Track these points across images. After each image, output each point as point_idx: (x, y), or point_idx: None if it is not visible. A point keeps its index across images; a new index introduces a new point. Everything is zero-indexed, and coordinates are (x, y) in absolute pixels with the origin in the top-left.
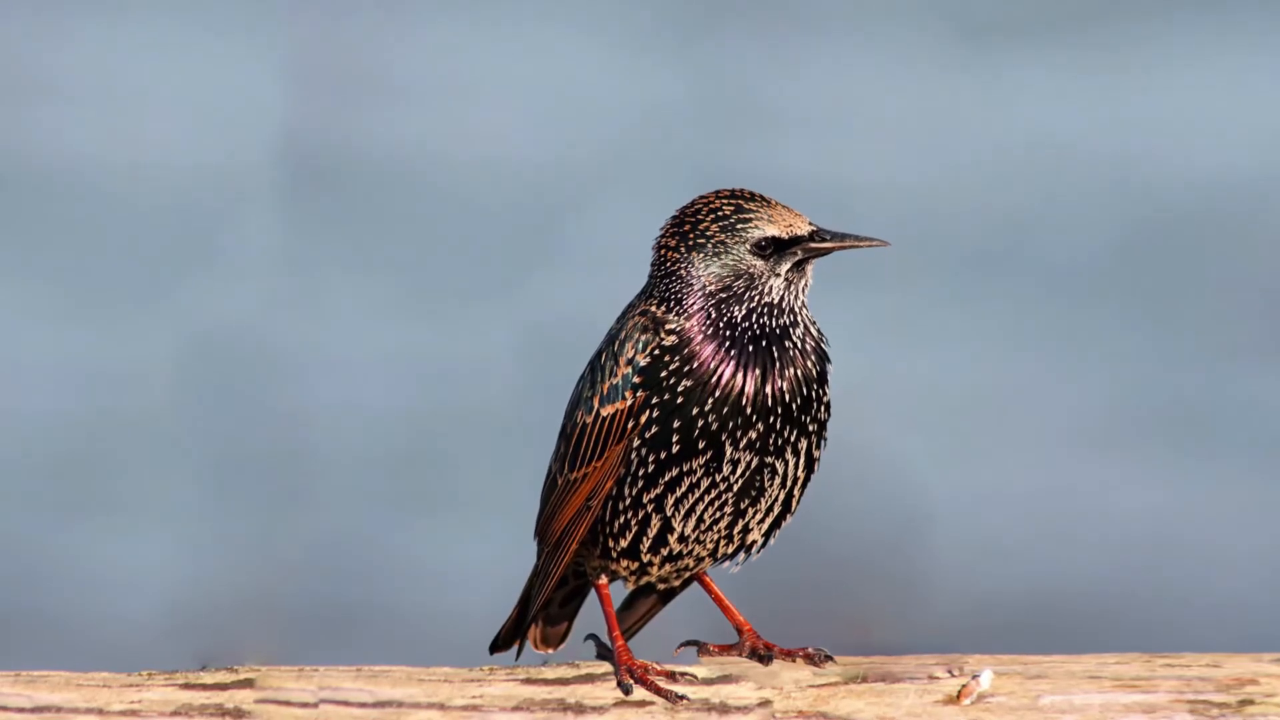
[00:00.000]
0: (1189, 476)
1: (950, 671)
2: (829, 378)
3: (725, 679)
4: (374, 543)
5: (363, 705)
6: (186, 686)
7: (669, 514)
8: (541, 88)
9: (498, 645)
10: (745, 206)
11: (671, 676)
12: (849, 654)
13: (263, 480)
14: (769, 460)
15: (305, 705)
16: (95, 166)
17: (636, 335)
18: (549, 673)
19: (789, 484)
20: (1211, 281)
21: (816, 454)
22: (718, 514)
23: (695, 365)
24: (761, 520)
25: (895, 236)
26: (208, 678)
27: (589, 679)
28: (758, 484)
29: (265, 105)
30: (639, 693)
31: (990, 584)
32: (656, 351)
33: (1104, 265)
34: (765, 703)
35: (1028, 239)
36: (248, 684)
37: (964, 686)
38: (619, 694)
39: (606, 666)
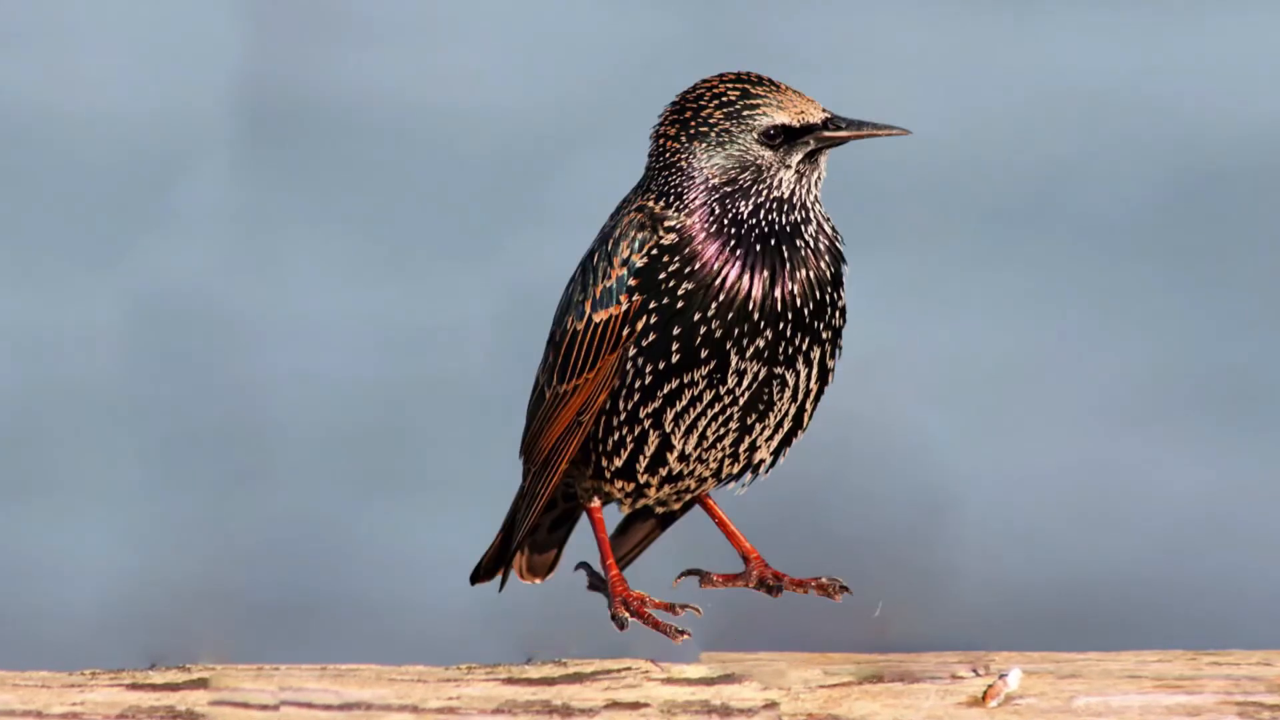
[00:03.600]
0: (1240, 453)
1: (975, 670)
2: (844, 280)
3: (727, 678)
4: (339, 527)
5: (328, 707)
6: (134, 687)
7: (668, 430)
8: (524, 25)
9: (479, 575)
10: (752, 91)
11: (671, 608)
12: (864, 651)
13: (215, 458)
14: (779, 371)
15: (264, 707)
16: (31, 113)
17: (632, 233)
18: (533, 672)
19: (800, 397)
20: (1264, 237)
21: (831, 364)
22: (722, 430)
23: (697, 266)
24: (770, 437)
25: (915, 190)
26: (157, 677)
27: (577, 679)
28: (766, 397)
29: (219, 45)
30: (631, 693)
31: (1019, 574)
32: (654, 251)
33: (1146, 220)
34: (771, 704)
35: (1062, 192)
36: (201, 684)
37: (990, 687)
38: (610, 695)
39: (596, 665)
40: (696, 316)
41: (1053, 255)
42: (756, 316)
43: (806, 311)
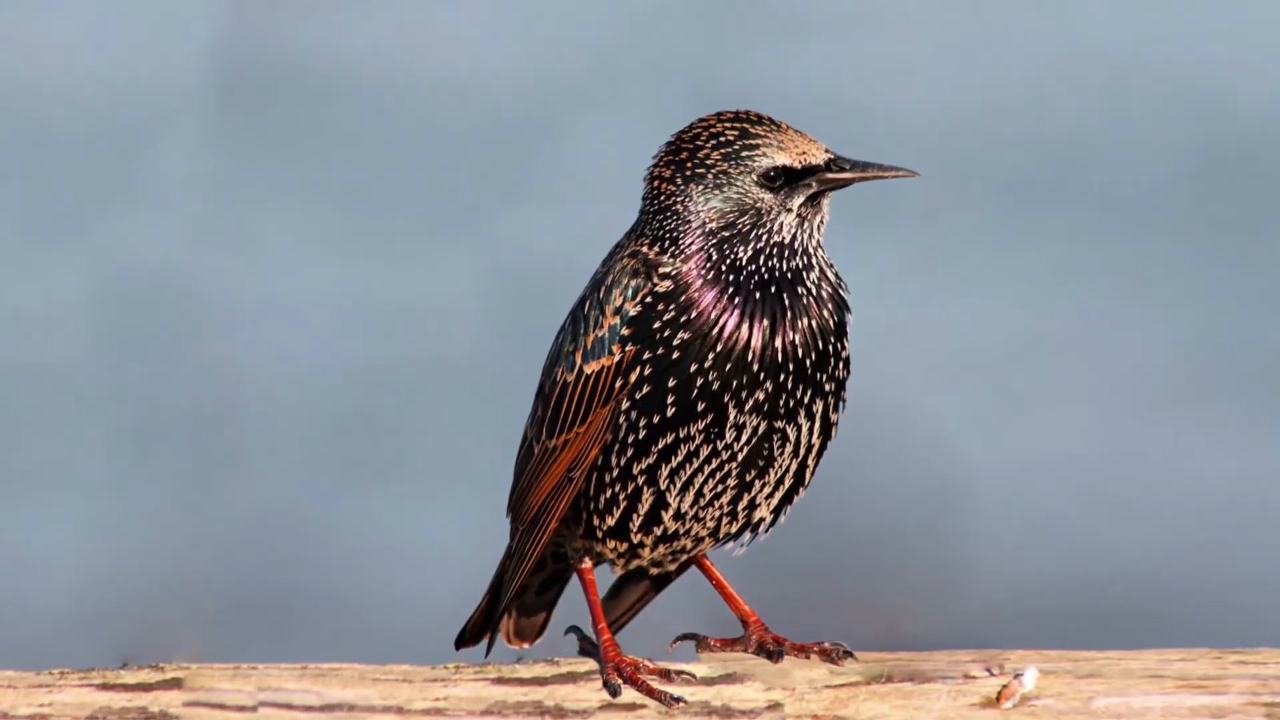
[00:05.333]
0: (1272, 439)
1: (989, 670)
2: (848, 329)
3: (728, 678)
4: (320, 518)
5: (308, 709)
6: (104, 687)
7: (663, 487)
8: None
9: (464, 639)
10: (752, 131)
11: (666, 675)
12: (872, 649)
13: (188, 445)
14: (779, 425)
15: (241, 709)
16: None
17: (625, 280)
18: (524, 671)
19: (802, 452)
20: None
21: (834, 417)
22: (720, 487)
23: (694, 315)
24: (770, 494)
25: (928, 163)
26: (129, 677)
27: (570, 678)
28: (766, 452)
29: (191, 7)
30: (628, 694)
31: (1036, 567)
32: (649, 299)
33: (1171, 193)
34: (774, 705)
35: (1082, 163)
36: (175, 684)
37: (1005, 687)
38: (605, 696)
39: (591, 664)
40: (693, 368)
41: (1074, 230)
42: (756, 368)
43: (809, 362)
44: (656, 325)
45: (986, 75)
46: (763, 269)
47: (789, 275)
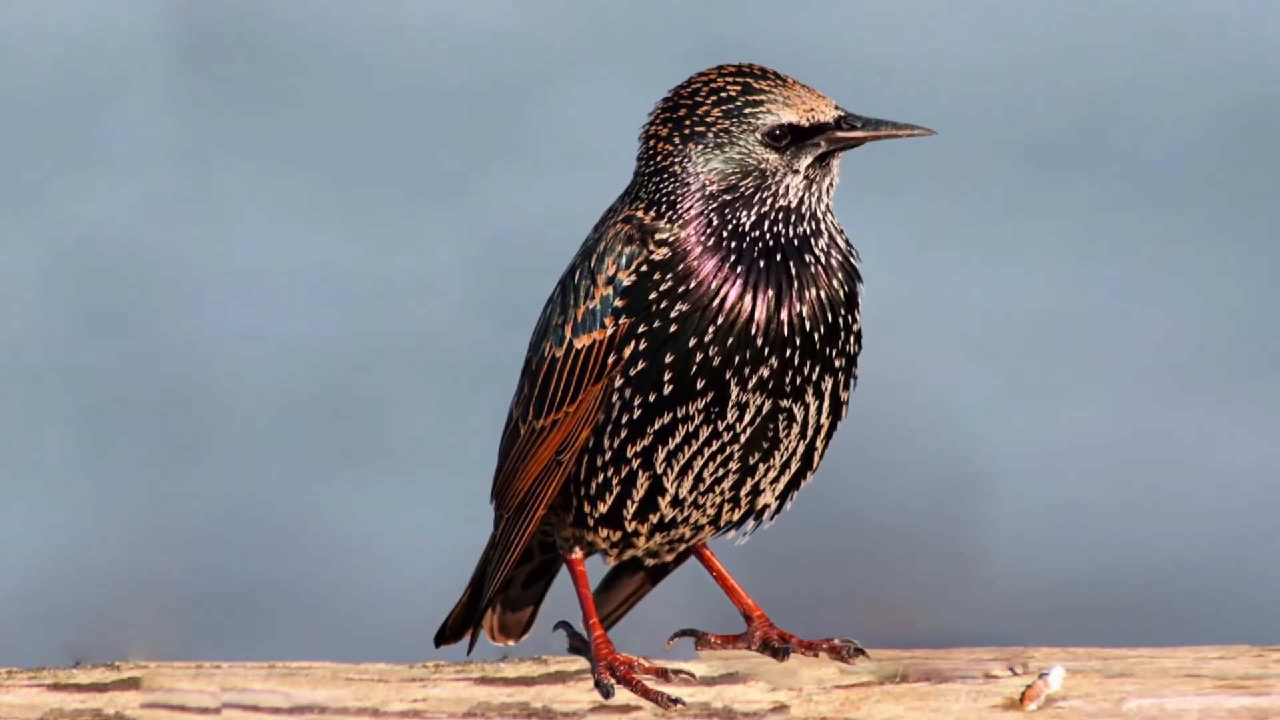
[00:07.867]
0: None
1: (1011, 669)
2: (860, 300)
3: (730, 678)
4: (291, 506)
5: (276, 711)
6: (55, 687)
7: (659, 471)
8: None
9: (445, 636)
10: (755, 86)
11: (663, 675)
12: (885, 646)
13: (151, 428)
14: (785, 404)
15: (204, 710)
16: None
17: (619, 247)
18: (509, 670)
19: (809, 433)
20: None
21: (844, 396)
22: (721, 471)
23: (693, 285)
24: (775, 479)
25: (944, 125)
26: (82, 676)
27: (559, 678)
28: (771, 433)
29: None
30: (622, 695)
31: (1061, 559)
32: (644, 268)
33: (1204, 160)
34: (780, 707)
35: (1109, 127)
36: (132, 684)
37: (1029, 688)
38: (596, 697)
39: (581, 663)
40: (692, 342)
41: (1099, 199)
42: (760, 342)
43: (817, 336)
44: (653, 296)
45: (1006, 31)
46: (767, 235)
47: (795, 242)
